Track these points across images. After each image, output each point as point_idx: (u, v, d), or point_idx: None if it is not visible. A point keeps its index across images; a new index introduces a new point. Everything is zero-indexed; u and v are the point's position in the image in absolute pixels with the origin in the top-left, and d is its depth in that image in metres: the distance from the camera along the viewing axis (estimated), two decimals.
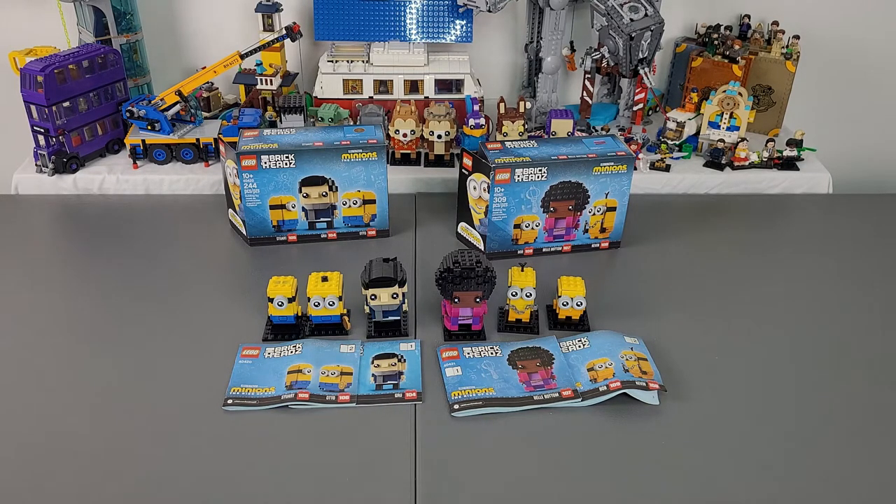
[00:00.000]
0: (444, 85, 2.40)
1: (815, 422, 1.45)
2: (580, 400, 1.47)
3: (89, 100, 2.22)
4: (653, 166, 2.30)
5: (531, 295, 1.64)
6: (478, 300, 1.59)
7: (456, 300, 1.59)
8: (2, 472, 1.31)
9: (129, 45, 2.40)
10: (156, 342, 1.62)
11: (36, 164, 2.22)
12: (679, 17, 2.64)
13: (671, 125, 2.34)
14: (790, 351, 1.64)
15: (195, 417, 1.43)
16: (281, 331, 1.64)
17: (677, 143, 2.35)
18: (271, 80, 2.40)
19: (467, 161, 1.89)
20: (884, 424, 1.45)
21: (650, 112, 2.64)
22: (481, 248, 1.95)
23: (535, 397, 1.47)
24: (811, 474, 1.34)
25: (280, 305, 1.60)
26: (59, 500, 1.26)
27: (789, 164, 2.32)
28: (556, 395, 1.48)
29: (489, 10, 2.31)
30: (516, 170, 1.81)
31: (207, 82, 2.38)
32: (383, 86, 2.41)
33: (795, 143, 2.31)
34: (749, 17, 2.59)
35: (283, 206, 1.93)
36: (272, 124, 2.36)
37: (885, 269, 1.94)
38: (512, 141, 1.92)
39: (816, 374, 1.57)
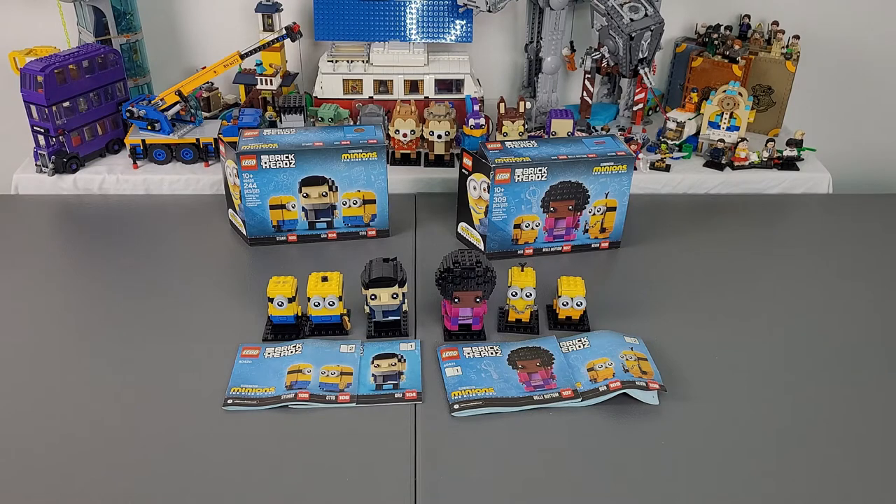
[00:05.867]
0: (444, 85, 2.40)
1: (814, 421, 1.45)
2: (580, 400, 1.47)
3: (89, 100, 2.22)
4: (653, 166, 2.30)
5: (531, 295, 1.64)
6: (478, 300, 1.59)
7: (456, 300, 1.59)
8: (2, 471, 1.31)
9: (129, 45, 2.40)
10: (156, 342, 1.62)
11: (36, 164, 2.22)
12: (679, 17, 2.64)
13: (671, 125, 2.34)
14: (790, 350, 1.64)
15: (195, 417, 1.43)
16: (281, 331, 1.64)
17: (677, 143, 2.35)
18: (271, 80, 2.40)
19: (467, 161, 1.89)
20: (884, 424, 1.45)
21: (650, 112, 2.64)
22: (481, 248, 1.95)
23: (535, 397, 1.47)
24: (811, 474, 1.34)
25: (280, 305, 1.60)
26: (60, 500, 1.26)
27: (789, 164, 2.32)
28: (556, 395, 1.48)
29: (489, 10, 2.31)
30: (516, 170, 1.81)
31: (207, 82, 2.38)
32: (383, 86, 2.41)
33: (795, 143, 2.31)
34: (749, 17, 2.59)
35: (283, 206, 1.93)
36: (272, 124, 2.36)
37: (885, 269, 1.94)
38: (512, 141, 1.92)
39: (816, 374, 1.57)
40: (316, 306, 1.62)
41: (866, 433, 1.43)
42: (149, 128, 2.23)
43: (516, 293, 1.64)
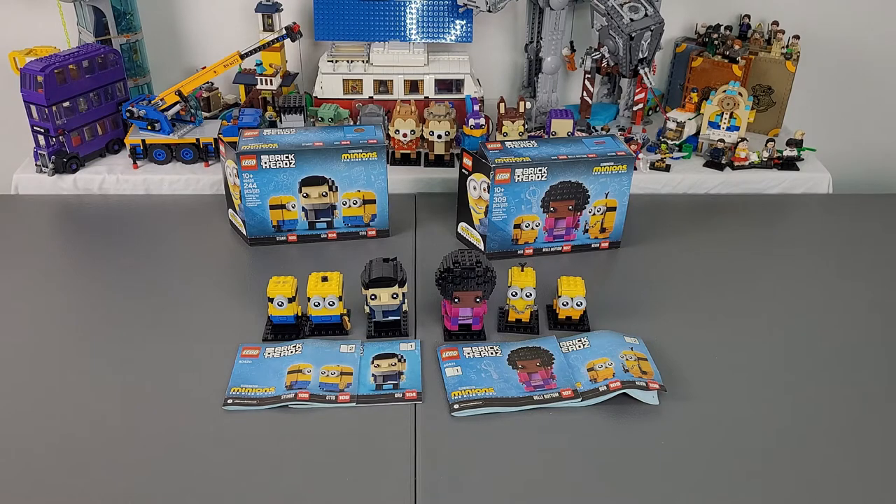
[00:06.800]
0: (444, 85, 2.40)
1: (814, 421, 1.45)
2: (580, 400, 1.47)
3: (89, 100, 2.22)
4: (653, 166, 2.30)
5: (531, 295, 1.64)
6: (478, 300, 1.59)
7: (456, 300, 1.59)
8: (2, 471, 1.31)
9: (129, 45, 2.40)
10: (156, 342, 1.62)
11: (36, 164, 2.22)
12: (679, 17, 2.64)
13: (671, 125, 2.34)
14: (790, 350, 1.64)
15: (195, 417, 1.43)
16: (281, 331, 1.64)
17: (677, 143, 2.35)
18: (271, 80, 2.40)
19: (467, 161, 1.89)
20: (884, 424, 1.45)
21: (650, 112, 2.64)
22: (481, 248, 1.95)
23: (535, 397, 1.47)
24: (811, 474, 1.34)
25: (280, 305, 1.60)
26: (60, 500, 1.26)
27: (789, 164, 2.32)
28: (556, 395, 1.48)
29: (489, 10, 2.31)
30: (516, 170, 1.81)
31: (207, 82, 2.38)
32: (383, 86, 2.41)
33: (795, 143, 2.31)
34: (749, 17, 2.59)
35: (283, 206, 1.93)
36: (272, 124, 2.36)
37: (885, 269, 1.94)
38: (512, 141, 1.92)
39: (816, 374, 1.57)
40: (316, 306, 1.62)
41: (866, 433, 1.43)
42: (149, 128, 2.23)
43: (516, 293, 1.64)
